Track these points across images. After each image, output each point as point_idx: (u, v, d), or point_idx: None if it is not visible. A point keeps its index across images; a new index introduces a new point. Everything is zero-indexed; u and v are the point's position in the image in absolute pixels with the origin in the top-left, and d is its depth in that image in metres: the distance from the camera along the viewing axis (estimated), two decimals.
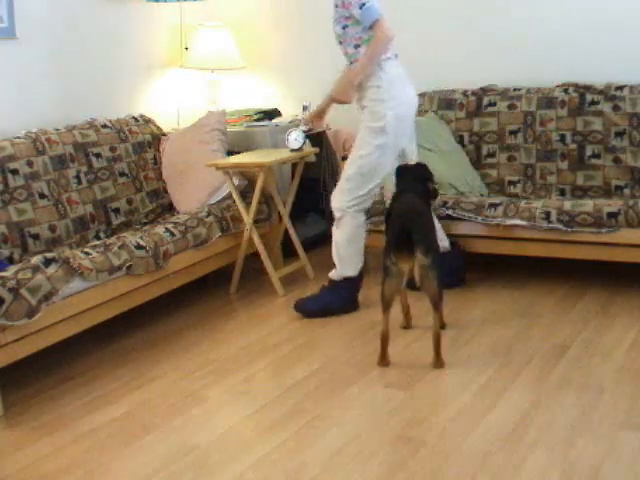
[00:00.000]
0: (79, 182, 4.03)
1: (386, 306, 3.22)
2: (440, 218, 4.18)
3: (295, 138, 4.26)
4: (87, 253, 3.42)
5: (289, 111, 5.22)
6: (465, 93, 4.72)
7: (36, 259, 3.21)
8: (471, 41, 4.82)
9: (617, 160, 4.31)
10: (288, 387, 3.13)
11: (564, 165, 4.43)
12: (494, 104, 4.61)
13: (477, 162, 4.64)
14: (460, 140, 4.69)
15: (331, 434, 2.74)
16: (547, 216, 3.94)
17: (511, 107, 4.56)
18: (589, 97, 4.39)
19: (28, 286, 3.06)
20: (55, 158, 3.94)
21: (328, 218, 5.15)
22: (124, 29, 4.80)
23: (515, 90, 4.60)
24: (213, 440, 2.75)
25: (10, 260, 3.52)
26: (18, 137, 3.85)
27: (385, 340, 3.26)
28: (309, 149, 4.47)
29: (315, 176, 4.85)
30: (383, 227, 3.53)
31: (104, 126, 4.30)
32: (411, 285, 3.26)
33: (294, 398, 3.03)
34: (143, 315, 3.86)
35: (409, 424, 2.77)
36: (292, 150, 4.27)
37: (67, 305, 3.26)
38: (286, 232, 4.52)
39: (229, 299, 4.26)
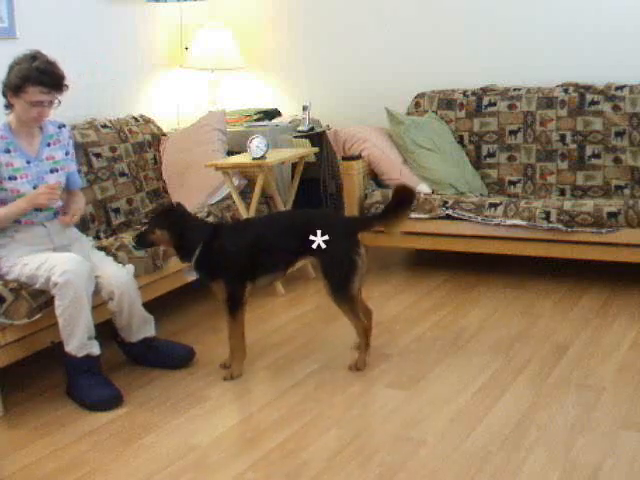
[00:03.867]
0: None
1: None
2: (440, 218, 4.19)
3: (257, 145, 4.08)
4: None
5: (289, 111, 5.22)
6: (465, 93, 4.72)
7: None
8: (471, 41, 4.82)
9: (617, 160, 4.31)
10: (288, 387, 3.13)
11: (564, 165, 4.44)
12: (494, 104, 4.61)
13: (477, 162, 4.64)
14: (460, 140, 4.69)
15: (331, 434, 2.74)
16: (547, 216, 3.94)
17: (511, 107, 4.56)
18: (589, 97, 4.39)
19: (29, 290, 3.06)
20: None
21: None
22: (124, 29, 4.80)
23: (515, 90, 4.60)
24: (213, 440, 2.75)
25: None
26: None
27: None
28: (298, 151, 4.43)
29: (315, 176, 4.85)
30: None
31: (104, 126, 4.30)
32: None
33: (294, 398, 3.03)
34: None
35: (409, 424, 2.78)
36: (254, 158, 4.10)
37: None
38: None
39: None
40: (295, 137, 4.74)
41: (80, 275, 3.02)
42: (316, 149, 4.57)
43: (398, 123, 4.52)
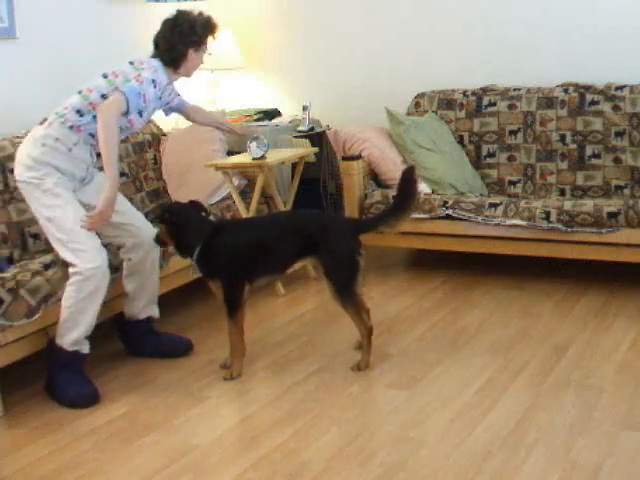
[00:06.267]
0: None
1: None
2: (440, 218, 4.19)
3: (257, 145, 4.09)
4: None
5: (289, 111, 5.22)
6: (465, 93, 4.72)
7: (35, 265, 3.22)
8: (471, 41, 4.82)
9: (617, 160, 4.31)
10: (288, 387, 3.13)
11: (564, 165, 4.44)
12: (494, 104, 4.61)
13: (477, 162, 4.64)
14: (460, 140, 4.69)
15: (331, 434, 2.74)
16: (547, 216, 3.94)
17: (511, 107, 4.56)
18: (589, 97, 4.39)
19: (27, 287, 3.06)
20: None
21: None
22: (124, 29, 4.80)
23: (515, 90, 4.60)
24: (213, 440, 2.75)
25: (10, 259, 3.52)
26: (18, 137, 3.84)
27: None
28: (298, 151, 4.43)
29: (315, 176, 4.85)
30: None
31: None
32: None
33: (294, 398, 3.03)
34: None
35: (409, 424, 2.78)
36: (254, 159, 4.10)
37: None
38: None
39: None
40: (295, 137, 4.74)
41: (105, 272, 3.07)
42: (316, 149, 4.57)
43: (398, 123, 4.52)
